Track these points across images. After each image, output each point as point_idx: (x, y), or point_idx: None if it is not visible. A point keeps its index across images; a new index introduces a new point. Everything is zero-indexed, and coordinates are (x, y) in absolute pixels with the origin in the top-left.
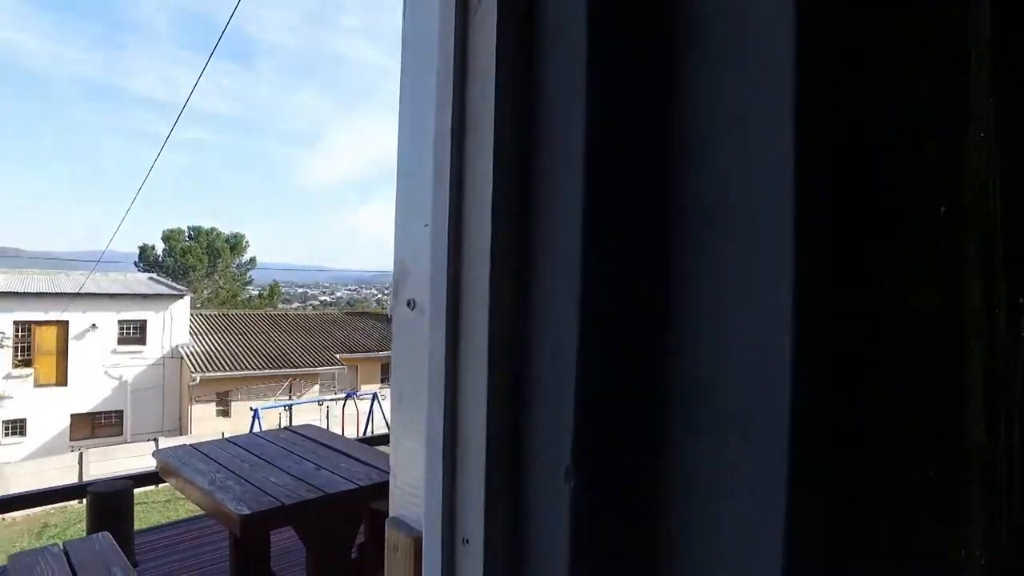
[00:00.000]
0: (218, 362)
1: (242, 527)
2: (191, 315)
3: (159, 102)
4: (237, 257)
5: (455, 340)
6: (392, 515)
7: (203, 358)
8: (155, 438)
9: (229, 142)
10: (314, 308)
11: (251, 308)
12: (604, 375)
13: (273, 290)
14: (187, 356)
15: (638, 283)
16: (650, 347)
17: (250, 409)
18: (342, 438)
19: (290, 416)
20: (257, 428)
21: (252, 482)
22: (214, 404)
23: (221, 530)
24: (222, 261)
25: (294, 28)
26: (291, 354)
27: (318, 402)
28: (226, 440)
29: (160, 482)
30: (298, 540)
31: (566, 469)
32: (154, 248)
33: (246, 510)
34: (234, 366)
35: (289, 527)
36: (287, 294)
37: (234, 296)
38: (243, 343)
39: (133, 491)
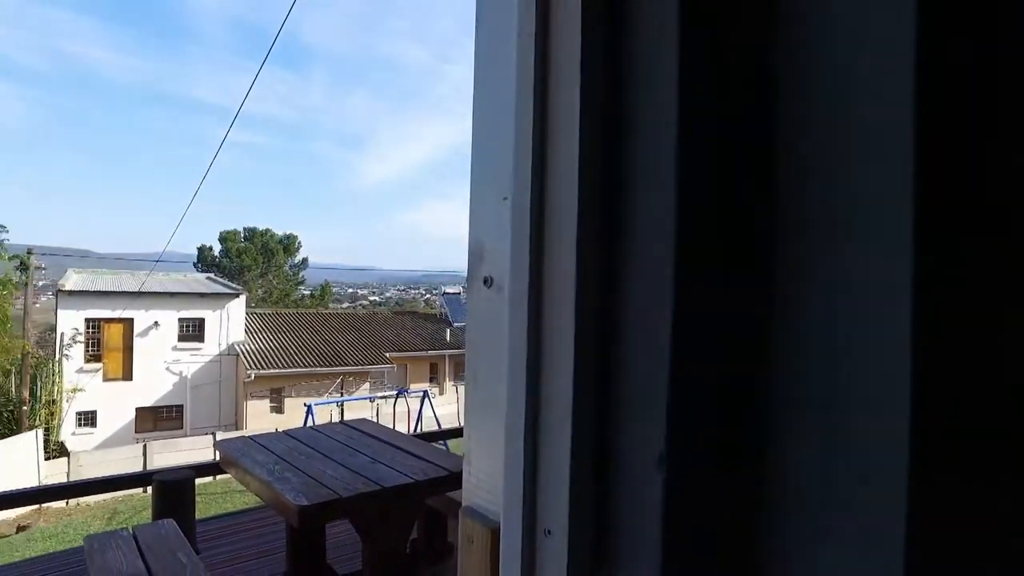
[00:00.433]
0: (272, 359)
1: (300, 518)
2: (246, 314)
3: (220, 107)
4: (290, 257)
5: (537, 319)
6: (466, 505)
7: (258, 355)
8: (212, 432)
9: (282, 145)
10: (363, 308)
11: (303, 307)
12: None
13: (324, 290)
14: (243, 353)
15: (741, 269)
16: (754, 339)
17: (303, 405)
18: (397, 433)
19: (341, 413)
20: (310, 423)
21: (309, 474)
22: (268, 400)
23: (278, 521)
24: (275, 261)
25: (344, 32)
26: (342, 352)
27: (369, 399)
28: (283, 433)
29: (217, 474)
30: (350, 535)
31: (659, 456)
32: (211, 249)
33: (304, 501)
34: (287, 363)
35: (344, 520)
36: (337, 294)
37: (286, 295)
38: (296, 341)
39: (194, 480)
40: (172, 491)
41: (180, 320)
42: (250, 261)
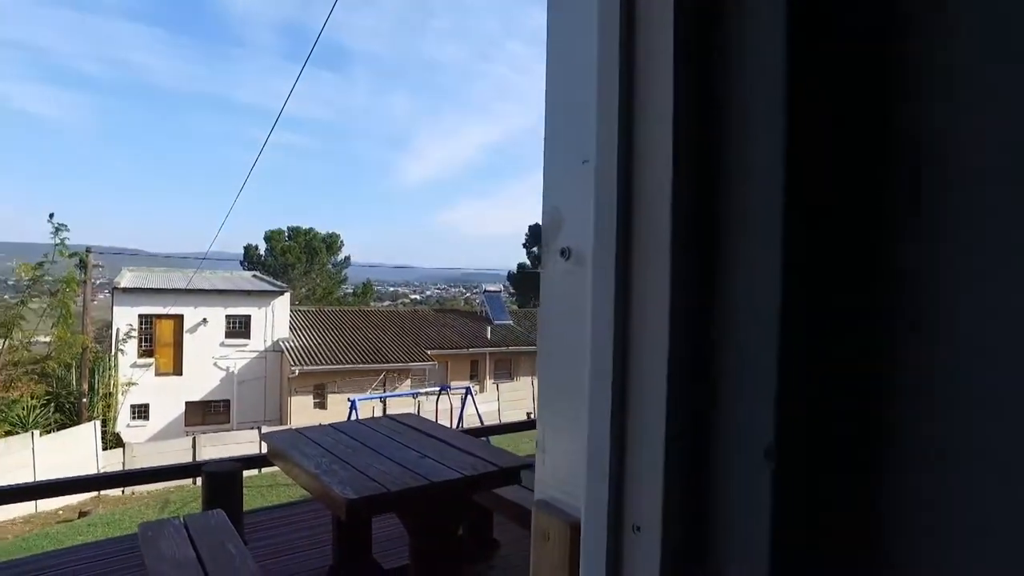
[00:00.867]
0: (315, 356)
1: (348, 511)
2: (290, 311)
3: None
4: (332, 256)
5: (625, 294)
6: (540, 497)
7: (301, 352)
8: (258, 427)
9: (325, 146)
10: (404, 306)
11: (345, 305)
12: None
13: (367, 288)
14: (287, 350)
15: (853, 247)
16: (873, 325)
17: (347, 400)
18: (444, 427)
19: (384, 408)
20: (354, 418)
21: (356, 467)
22: (311, 396)
23: (324, 514)
24: (318, 260)
25: (385, 33)
26: (384, 350)
27: (412, 395)
28: (329, 426)
29: (263, 466)
30: (397, 529)
31: (767, 448)
32: (257, 248)
33: (352, 494)
34: (330, 360)
35: (391, 515)
36: (379, 292)
37: (329, 293)
38: (338, 338)
39: (242, 472)
40: (221, 482)
41: (227, 317)
42: (294, 259)
